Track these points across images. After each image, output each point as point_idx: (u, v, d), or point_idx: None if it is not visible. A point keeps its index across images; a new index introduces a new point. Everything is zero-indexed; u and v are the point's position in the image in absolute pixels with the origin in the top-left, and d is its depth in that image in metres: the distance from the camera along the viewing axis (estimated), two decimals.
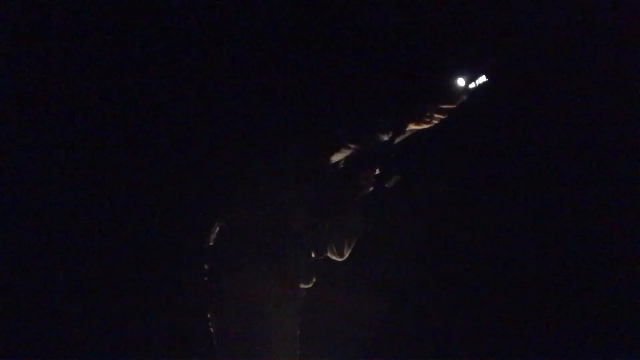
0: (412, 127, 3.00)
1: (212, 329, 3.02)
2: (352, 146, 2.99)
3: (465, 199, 4.07)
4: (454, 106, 2.93)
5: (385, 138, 2.98)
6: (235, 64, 3.52)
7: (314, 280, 3.10)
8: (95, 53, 3.58)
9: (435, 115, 2.95)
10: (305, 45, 3.39)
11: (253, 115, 3.24)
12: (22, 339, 3.67)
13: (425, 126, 3.00)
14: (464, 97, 2.91)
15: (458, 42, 3.16)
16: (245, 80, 3.44)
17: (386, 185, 3.06)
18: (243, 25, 3.53)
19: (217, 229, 3.08)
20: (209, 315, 3.02)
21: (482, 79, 2.88)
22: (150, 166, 3.70)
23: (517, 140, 3.93)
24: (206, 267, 3.06)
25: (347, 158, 3.08)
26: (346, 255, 3.18)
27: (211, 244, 3.09)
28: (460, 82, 2.90)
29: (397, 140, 3.02)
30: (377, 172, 3.12)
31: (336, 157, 3.05)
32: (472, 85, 2.89)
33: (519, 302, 4.12)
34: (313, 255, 3.10)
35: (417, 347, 4.03)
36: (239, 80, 3.47)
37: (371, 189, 3.15)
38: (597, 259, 4.08)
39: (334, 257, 3.18)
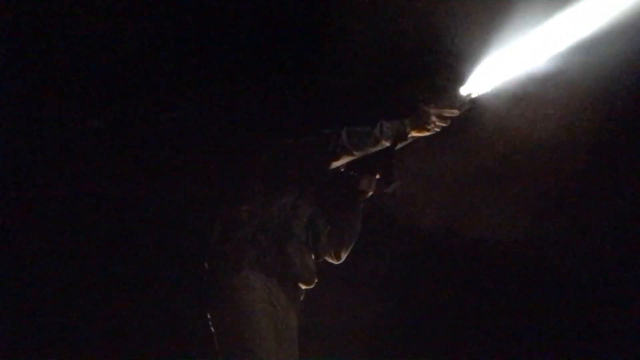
0: (415, 134, 2.98)
1: (212, 329, 3.02)
2: (355, 152, 2.97)
3: (466, 200, 4.07)
4: (457, 115, 2.91)
5: (388, 144, 2.96)
6: (239, 64, 3.49)
7: (315, 281, 3.10)
8: (95, 52, 3.56)
9: (438, 123, 2.93)
10: (310, 48, 3.36)
11: (256, 117, 3.22)
12: (22, 339, 3.70)
13: (427, 134, 2.98)
14: (468, 106, 2.89)
15: (464, 51, 3.12)
16: (249, 81, 3.41)
17: (386, 191, 3.06)
18: (247, 24, 3.49)
19: (218, 228, 3.07)
20: (209, 315, 3.01)
21: (487, 88, 2.86)
22: (151, 166, 3.69)
23: (518, 142, 3.91)
24: (206, 266, 3.05)
25: (348, 163, 3.06)
26: (343, 258, 3.19)
27: (211, 243, 3.07)
28: (465, 90, 2.88)
29: (399, 146, 3.00)
30: (378, 177, 3.12)
31: (338, 162, 3.02)
32: (475, 95, 2.87)
33: (518, 302, 4.14)
34: (312, 258, 3.11)
35: (417, 347, 4.05)
36: (242, 80, 3.44)
37: (371, 194, 3.15)
38: (596, 258, 4.08)
39: (330, 260, 3.19)
